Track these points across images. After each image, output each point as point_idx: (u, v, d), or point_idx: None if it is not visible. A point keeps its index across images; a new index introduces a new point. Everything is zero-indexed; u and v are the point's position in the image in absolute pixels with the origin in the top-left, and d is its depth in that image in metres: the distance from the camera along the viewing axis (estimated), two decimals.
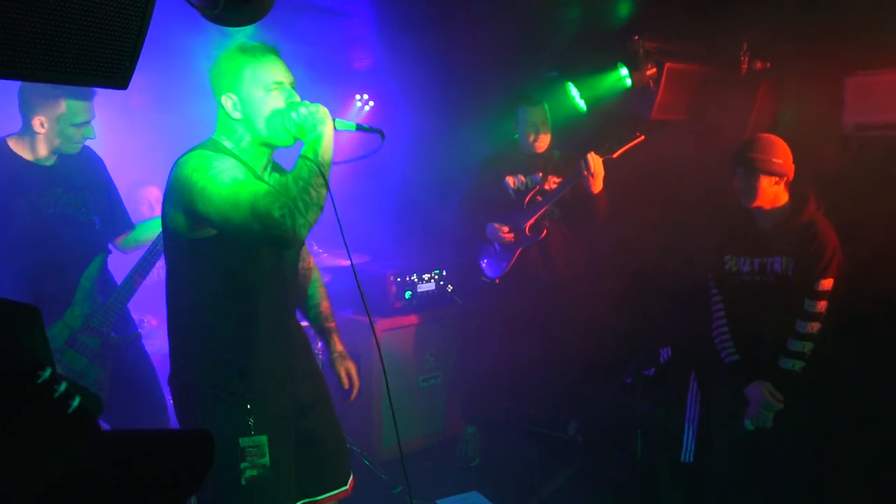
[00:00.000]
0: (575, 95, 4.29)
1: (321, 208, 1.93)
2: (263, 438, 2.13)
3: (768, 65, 3.77)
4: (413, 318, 4.47)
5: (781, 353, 2.99)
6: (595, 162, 3.78)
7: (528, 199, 4.16)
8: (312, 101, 2.11)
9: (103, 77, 1.33)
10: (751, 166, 3.03)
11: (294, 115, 2.05)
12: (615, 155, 3.80)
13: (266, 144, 2.18)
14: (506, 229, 4.15)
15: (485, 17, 3.99)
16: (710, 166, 3.66)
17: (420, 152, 5.01)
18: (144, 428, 0.71)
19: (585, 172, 3.79)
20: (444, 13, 3.93)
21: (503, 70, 4.53)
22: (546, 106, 4.23)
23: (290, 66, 2.23)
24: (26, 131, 2.78)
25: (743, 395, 3.10)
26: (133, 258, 3.17)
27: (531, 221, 4.10)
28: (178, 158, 2.09)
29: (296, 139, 2.11)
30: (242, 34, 2.75)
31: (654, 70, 3.83)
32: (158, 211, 4.44)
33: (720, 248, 3.32)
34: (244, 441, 2.10)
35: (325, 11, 3.43)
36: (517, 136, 4.25)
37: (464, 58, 4.51)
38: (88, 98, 2.81)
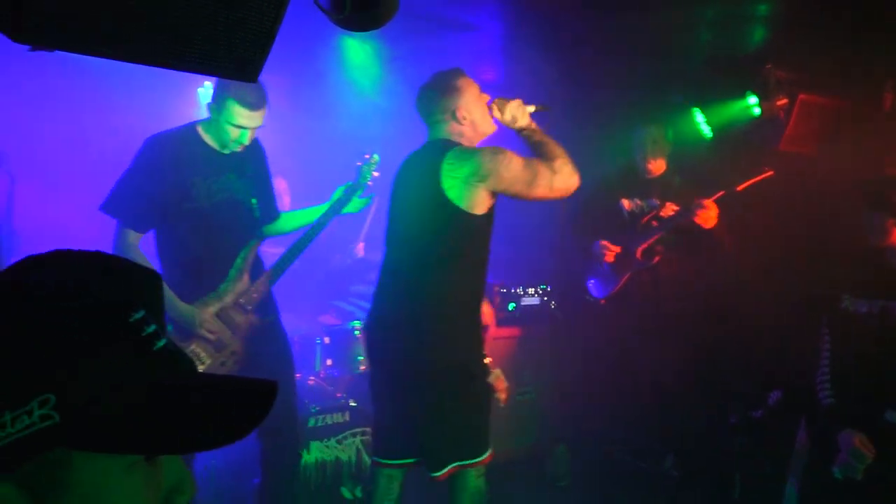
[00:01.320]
0: (700, 122, 4.22)
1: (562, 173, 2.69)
2: None
3: None
4: (514, 331, 4.52)
5: (891, 404, 2.81)
6: (708, 208, 3.72)
7: (642, 223, 4.12)
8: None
9: (234, 69, 1.49)
10: (885, 206, 2.89)
11: (508, 107, 2.76)
12: (739, 188, 3.70)
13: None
14: (614, 249, 4.12)
15: (614, 39, 4.02)
16: (835, 202, 3.49)
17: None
18: (231, 376, 0.82)
19: (699, 212, 3.73)
20: (573, 31, 4.00)
21: (627, 92, 4.51)
22: (668, 130, 4.18)
23: (415, 76, 2.44)
24: (213, 120, 3.05)
25: (835, 440, 2.93)
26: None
27: (644, 246, 4.05)
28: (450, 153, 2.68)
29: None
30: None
31: (786, 101, 3.72)
32: (287, 202, 4.77)
33: (838, 287, 3.16)
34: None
35: (452, 24, 3.57)
36: (635, 157, 4.23)
37: (588, 77, 4.54)
38: (250, 107, 2.96)
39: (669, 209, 4.06)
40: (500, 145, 2.73)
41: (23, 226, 3.95)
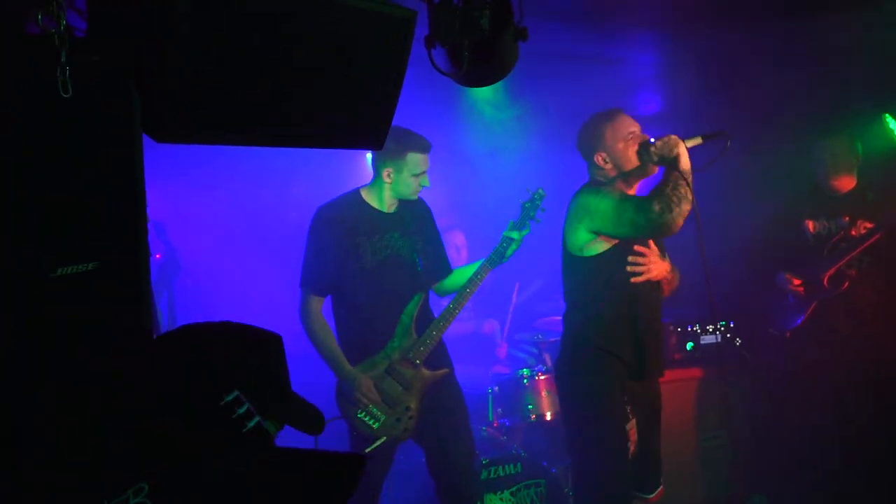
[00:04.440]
0: (894, 128, 3.85)
1: (690, 202, 2.66)
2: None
3: None
4: (694, 372, 4.31)
5: None
6: None
7: (829, 245, 3.79)
8: None
9: (363, 142, 1.61)
10: None
11: (652, 148, 2.77)
12: None
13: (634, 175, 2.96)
14: (797, 281, 3.86)
15: (783, 49, 3.80)
16: None
17: (708, 192, 4.83)
18: (316, 449, 0.87)
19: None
20: (733, 45, 3.82)
21: (806, 104, 4.20)
22: (856, 141, 3.87)
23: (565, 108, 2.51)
24: (375, 183, 3.32)
25: None
26: None
27: (831, 271, 3.75)
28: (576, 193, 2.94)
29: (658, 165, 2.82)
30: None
31: None
32: (465, 255, 4.93)
33: None
34: None
35: (597, 59, 3.56)
36: (818, 175, 3.92)
37: (758, 93, 4.30)
38: (426, 151, 3.26)
39: (861, 227, 3.76)
40: None
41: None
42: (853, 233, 3.77)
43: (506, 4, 1.82)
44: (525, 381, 4.21)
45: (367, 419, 3.16)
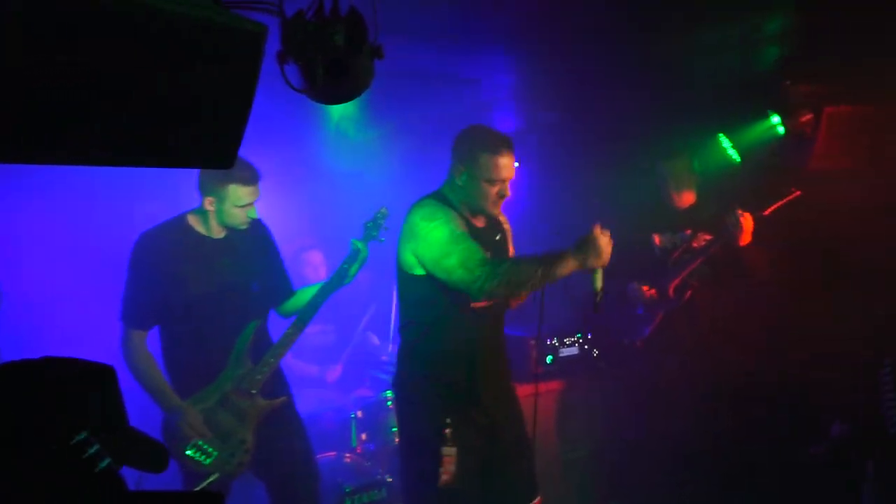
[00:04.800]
0: (727, 146, 4.24)
1: (513, 293, 2.77)
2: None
3: None
4: (555, 384, 4.50)
5: None
6: (745, 219, 3.69)
7: (673, 258, 4.11)
8: None
9: (211, 160, 1.59)
10: None
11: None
12: (766, 212, 3.69)
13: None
14: (646, 288, 4.13)
15: (627, 71, 4.10)
16: (881, 217, 3.45)
17: (561, 209, 5.12)
18: (172, 490, 0.87)
19: (734, 231, 3.71)
20: (583, 69, 4.09)
21: (647, 125, 4.56)
22: (693, 160, 4.21)
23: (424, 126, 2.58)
24: (201, 209, 3.23)
25: None
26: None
27: (676, 282, 4.05)
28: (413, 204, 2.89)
29: None
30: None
31: (811, 116, 3.73)
32: (323, 274, 4.90)
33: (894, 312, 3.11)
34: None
35: (451, 79, 3.69)
36: (661, 192, 4.26)
37: (604, 114, 4.62)
38: (251, 183, 3.18)
39: (701, 240, 4.05)
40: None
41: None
42: (694, 244, 4.07)
43: (360, 22, 1.86)
44: (389, 402, 4.25)
45: (197, 455, 3.06)
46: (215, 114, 1.50)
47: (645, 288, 4.17)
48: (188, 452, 3.05)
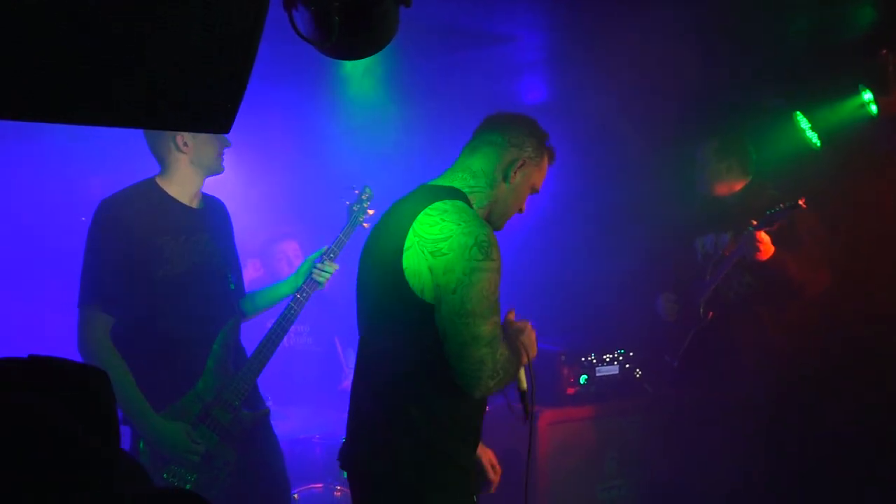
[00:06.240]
0: (805, 128, 4.14)
1: (498, 385, 2.28)
2: None
3: None
4: (589, 410, 4.41)
5: None
6: (761, 233, 3.59)
7: (710, 266, 4.03)
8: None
9: (205, 122, 1.50)
10: None
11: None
12: (757, 230, 3.61)
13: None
14: (672, 303, 4.12)
15: (683, 37, 3.98)
16: None
17: (598, 200, 5.02)
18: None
19: (749, 246, 3.63)
20: (627, 35, 3.98)
21: (702, 101, 4.43)
22: (747, 142, 4.10)
23: (443, 103, 2.42)
24: (171, 165, 3.09)
25: None
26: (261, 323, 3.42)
27: (707, 295, 3.97)
28: (441, 203, 2.33)
29: None
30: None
31: None
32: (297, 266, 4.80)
33: None
34: None
35: (485, 37, 3.59)
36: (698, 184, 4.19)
37: (656, 86, 4.50)
38: None
39: (732, 245, 3.90)
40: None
41: None
42: (725, 252, 3.95)
43: None
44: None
45: (174, 482, 2.94)
46: (214, 70, 1.42)
47: (666, 302, 4.14)
48: (164, 477, 2.93)
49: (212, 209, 3.24)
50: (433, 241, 2.25)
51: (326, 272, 3.35)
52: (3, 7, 1.10)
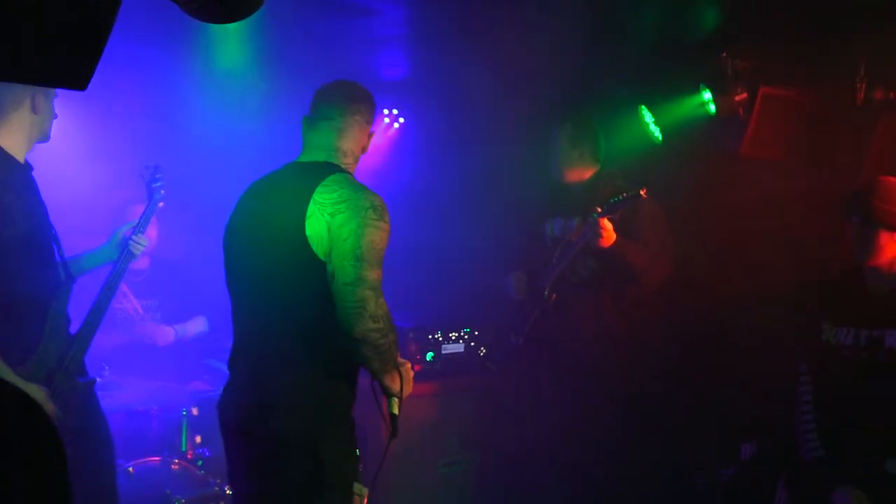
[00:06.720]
0: (648, 121, 4.33)
1: (377, 335, 2.49)
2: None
3: (892, 95, 3.76)
4: (434, 386, 4.49)
5: (890, 452, 2.93)
6: (605, 220, 3.71)
7: (557, 251, 4.13)
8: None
9: (61, 77, 1.43)
10: (869, 216, 3.02)
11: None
12: (600, 216, 3.73)
13: None
14: (518, 281, 4.22)
15: (541, 24, 4.08)
16: (808, 214, 3.65)
17: (454, 179, 5.10)
18: None
19: (592, 233, 3.74)
20: (492, 14, 4.04)
21: (556, 86, 4.55)
22: (597, 129, 4.21)
23: (304, 73, 2.41)
24: (16, 120, 2.93)
25: (825, 501, 3.04)
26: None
27: (553, 278, 4.09)
28: (335, 175, 2.61)
29: None
30: None
31: (746, 95, 3.86)
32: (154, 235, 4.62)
33: (815, 315, 3.28)
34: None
35: (348, 9, 3.57)
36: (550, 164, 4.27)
37: (510, 70, 4.59)
38: None
39: (578, 231, 3.99)
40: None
41: None
42: (571, 237, 4.05)
43: None
44: None
45: None
46: (70, 27, 1.36)
47: (517, 282, 4.25)
48: None
49: (32, 169, 3.09)
50: (332, 203, 2.51)
51: (140, 245, 3.45)
52: None
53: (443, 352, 4.55)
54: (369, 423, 3.33)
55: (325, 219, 2.50)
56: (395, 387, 2.68)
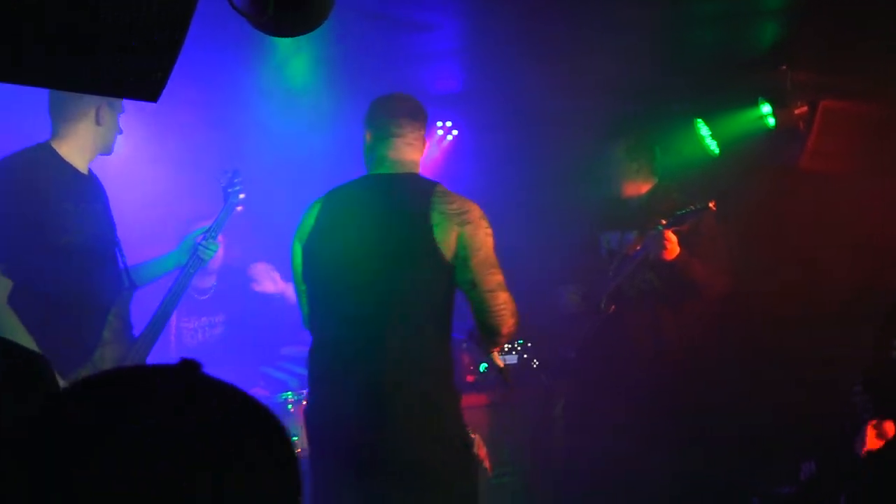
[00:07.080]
0: (705, 135, 4.32)
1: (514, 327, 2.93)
2: None
3: None
4: (487, 397, 4.52)
5: None
6: (669, 232, 3.70)
7: (614, 264, 4.12)
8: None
9: (133, 89, 1.51)
10: None
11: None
12: (668, 228, 3.72)
13: None
14: (573, 296, 4.20)
15: (600, 40, 4.10)
16: (874, 227, 3.61)
17: (507, 191, 5.12)
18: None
19: (656, 245, 3.73)
20: (550, 29, 4.07)
21: (619, 102, 4.57)
22: (654, 143, 4.21)
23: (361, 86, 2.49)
24: (79, 131, 3.04)
25: None
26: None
27: (609, 291, 4.07)
28: (440, 186, 2.86)
29: None
30: None
31: (806, 108, 3.83)
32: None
33: (886, 331, 3.23)
34: None
35: (403, 24, 3.63)
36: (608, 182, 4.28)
37: (570, 86, 4.61)
38: None
39: (636, 244, 3.98)
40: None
41: None
42: (628, 251, 4.02)
43: None
44: (290, 406, 4.16)
45: None
46: (145, 41, 1.44)
47: (572, 296, 4.22)
48: None
49: (96, 179, 3.20)
50: (457, 213, 2.77)
51: (211, 250, 3.41)
52: None
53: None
54: None
55: (455, 226, 2.76)
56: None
